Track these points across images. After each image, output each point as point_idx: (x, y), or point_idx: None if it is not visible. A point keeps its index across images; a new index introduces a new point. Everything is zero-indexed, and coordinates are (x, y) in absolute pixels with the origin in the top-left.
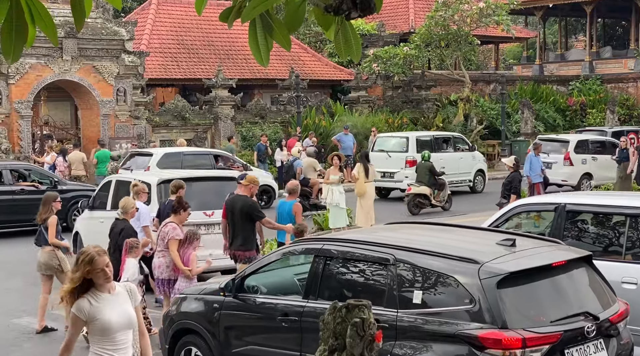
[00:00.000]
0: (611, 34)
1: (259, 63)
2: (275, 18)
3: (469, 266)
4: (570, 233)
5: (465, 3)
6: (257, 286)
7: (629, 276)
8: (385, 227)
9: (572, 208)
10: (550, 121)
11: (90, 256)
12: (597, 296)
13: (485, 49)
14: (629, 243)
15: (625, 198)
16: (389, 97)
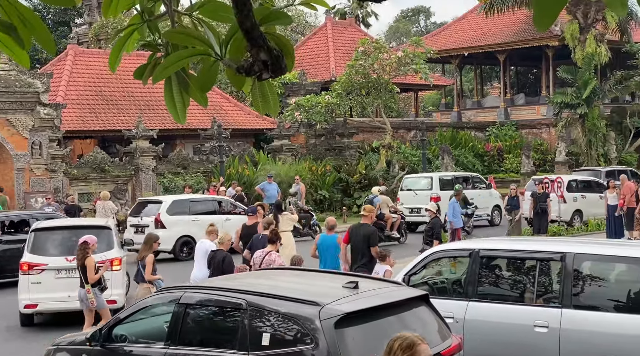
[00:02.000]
0: (524, 81)
1: (175, 120)
2: (191, 75)
3: (310, 308)
4: (485, 278)
5: (385, 52)
6: (125, 334)
7: (540, 320)
8: (248, 273)
9: (486, 254)
10: (470, 166)
11: (410, 341)
12: (431, 331)
13: (405, 97)
14: (540, 287)
15: (537, 243)
16: (312, 145)
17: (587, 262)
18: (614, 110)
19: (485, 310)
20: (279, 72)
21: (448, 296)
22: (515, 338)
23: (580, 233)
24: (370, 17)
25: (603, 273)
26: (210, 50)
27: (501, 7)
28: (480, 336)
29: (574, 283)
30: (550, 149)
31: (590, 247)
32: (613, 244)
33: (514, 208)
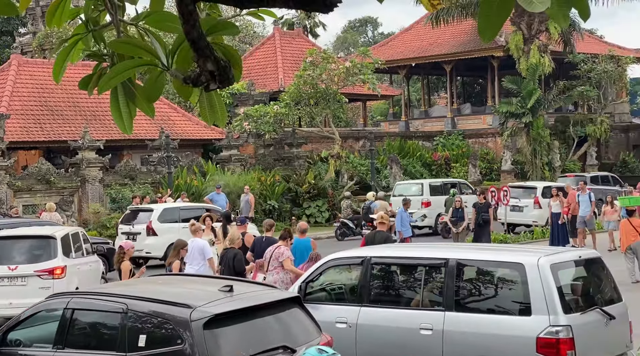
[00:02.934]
0: (470, 91)
1: (122, 131)
2: (137, 85)
3: (183, 310)
4: (376, 285)
5: (333, 62)
6: (20, 339)
7: (425, 323)
8: (138, 280)
9: (377, 261)
10: (418, 175)
11: None
12: (300, 332)
13: (353, 107)
14: (426, 292)
15: (423, 250)
16: (260, 155)
17: (467, 267)
18: (558, 119)
19: (376, 315)
20: (227, 83)
21: (342, 302)
22: (403, 340)
23: (525, 240)
24: (318, 27)
25: (482, 277)
26: (157, 60)
27: (447, 18)
28: (371, 340)
29: (455, 287)
30: (497, 158)
31: (471, 253)
32: (492, 250)
33: (459, 220)
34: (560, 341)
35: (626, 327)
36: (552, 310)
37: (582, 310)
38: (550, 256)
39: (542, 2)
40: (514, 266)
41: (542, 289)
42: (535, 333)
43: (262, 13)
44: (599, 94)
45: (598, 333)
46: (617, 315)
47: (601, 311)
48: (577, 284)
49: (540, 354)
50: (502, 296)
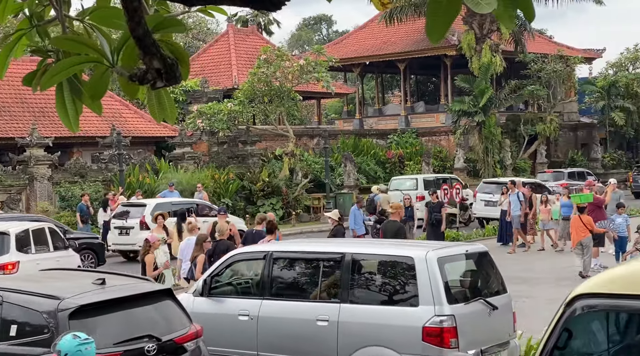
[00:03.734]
0: (424, 89)
1: (68, 128)
2: (84, 82)
3: (51, 301)
4: (277, 278)
5: (287, 60)
6: None
7: (322, 315)
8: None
9: (278, 255)
10: (372, 173)
11: None
12: (168, 322)
13: (308, 104)
14: (323, 284)
15: (322, 245)
16: (214, 153)
17: (362, 261)
18: (509, 118)
19: (276, 307)
20: (173, 81)
21: (246, 295)
22: (301, 331)
23: (476, 237)
24: (272, 24)
25: (375, 271)
26: (102, 57)
27: (401, 16)
28: (271, 331)
29: (351, 280)
30: (450, 156)
31: (366, 247)
32: (385, 245)
33: (408, 220)
34: (444, 330)
35: (509, 317)
36: (437, 301)
37: (466, 301)
38: (439, 250)
39: (489, 3)
40: (404, 260)
41: (429, 281)
42: (422, 322)
43: (212, 10)
44: (549, 93)
45: (481, 322)
46: (500, 305)
47: (485, 302)
48: (463, 277)
49: (425, 342)
50: (394, 288)
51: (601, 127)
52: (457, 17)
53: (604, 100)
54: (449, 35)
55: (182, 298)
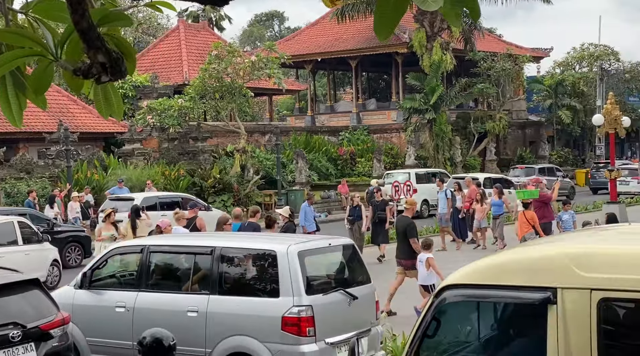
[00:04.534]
0: (375, 87)
1: (11, 124)
2: (27, 76)
3: None
4: (153, 271)
5: (238, 56)
6: None
7: (192, 306)
8: None
9: (155, 249)
10: (323, 170)
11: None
12: (35, 310)
13: (259, 101)
14: (194, 277)
15: (194, 239)
16: (165, 149)
17: (231, 254)
18: (459, 116)
19: (151, 299)
20: (119, 75)
21: (124, 288)
22: (172, 322)
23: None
24: (223, 20)
25: (242, 264)
26: (46, 51)
27: (352, 13)
28: (146, 322)
29: (219, 272)
30: (401, 153)
31: (235, 241)
32: (253, 238)
33: (356, 219)
34: (301, 320)
35: (372, 306)
36: (296, 292)
37: (325, 292)
38: (300, 244)
39: (435, 1)
40: (268, 253)
41: (289, 274)
42: (281, 312)
43: (161, 5)
44: (498, 91)
45: (340, 311)
46: (361, 295)
47: (344, 292)
48: (325, 269)
49: (284, 331)
50: (258, 280)
51: (549, 125)
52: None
53: (552, 98)
54: (400, 33)
55: (64, 290)
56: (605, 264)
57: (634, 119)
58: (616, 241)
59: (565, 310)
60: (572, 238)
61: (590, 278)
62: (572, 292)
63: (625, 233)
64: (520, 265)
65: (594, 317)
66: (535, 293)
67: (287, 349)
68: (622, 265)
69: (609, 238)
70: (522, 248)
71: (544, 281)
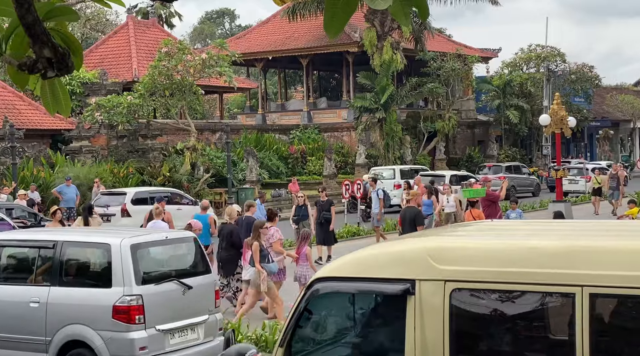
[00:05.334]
0: (326, 85)
1: None
2: None
3: None
4: (3, 265)
5: (188, 54)
6: None
7: (34, 297)
8: None
9: (5, 244)
10: (274, 168)
11: None
12: None
13: (210, 99)
14: (38, 269)
15: (39, 234)
16: (113, 146)
17: (71, 248)
18: (410, 115)
19: (1, 291)
20: (65, 71)
21: None
22: (17, 312)
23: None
24: (173, 17)
25: (81, 256)
26: None
27: (304, 12)
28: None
29: (59, 265)
30: (351, 152)
31: (75, 235)
32: (91, 232)
33: (302, 219)
34: (131, 308)
35: (210, 295)
36: (127, 282)
37: (157, 282)
38: (134, 237)
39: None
40: (104, 246)
41: (121, 265)
42: (112, 301)
43: (109, 0)
44: (447, 91)
45: (174, 300)
46: (198, 285)
47: (179, 282)
48: (160, 261)
49: (115, 319)
50: (95, 271)
51: (497, 125)
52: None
53: (500, 99)
54: (351, 32)
55: None
56: (457, 257)
57: (580, 119)
58: (473, 236)
59: (422, 300)
60: (435, 233)
61: (444, 270)
62: (428, 283)
63: (484, 229)
64: (384, 259)
65: (446, 306)
66: (397, 285)
67: (117, 336)
68: (472, 258)
69: (467, 234)
70: (388, 242)
71: (404, 273)
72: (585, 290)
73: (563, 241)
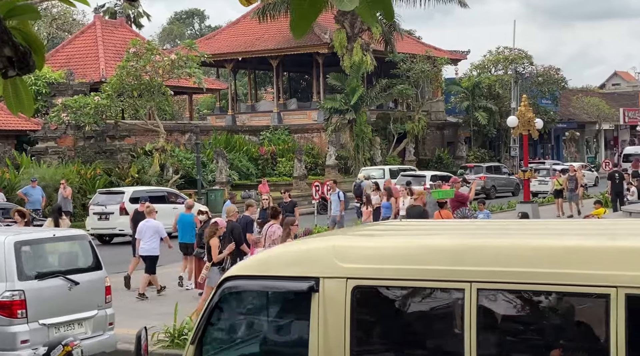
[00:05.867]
0: (296, 87)
1: None
2: None
3: None
4: None
5: (157, 54)
6: None
7: None
8: None
9: None
10: (244, 169)
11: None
12: None
13: (179, 99)
14: None
15: None
16: (80, 147)
17: None
18: (379, 116)
19: None
20: (26, 70)
21: None
22: None
23: None
24: (142, 17)
25: None
26: None
27: (273, 13)
28: None
29: None
30: (322, 153)
31: None
32: None
33: (266, 222)
34: (13, 303)
35: (99, 291)
36: (9, 278)
37: (41, 278)
38: (19, 235)
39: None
40: None
41: (4, 261)
42: None
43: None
44: (417, 92)
45: (58, 296)
46: (85, 281)
47: (65, 278)
48: (46, 257)
49: None
50: None
51: (466, 126)
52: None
53: (469, 100)
54: (321, 33)
55: None
56: (359, 255)
57: (547, 121)
58: (377, 235)
59: (325, 296)
60: (342, 232)
61: (346, 268)
62: (331, 281)
63: (390, 229)
64: (290, 257)
65: (348, 303)
66: (302, 283)
67: (0, 330)
68: (373, 256)
69: (372, 233)
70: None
71: (309, 271)
72: (474, 286)
73: (455, 239)
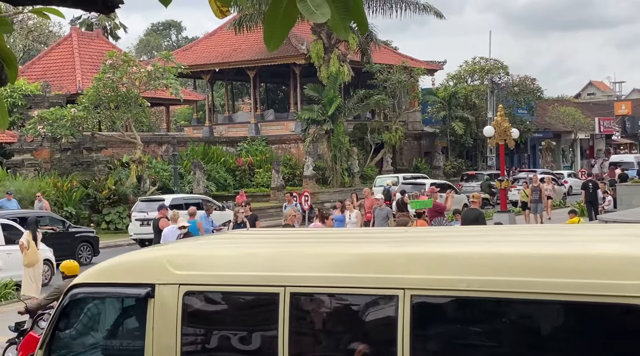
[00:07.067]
0: (274, 97)
1: None
2: None
3: None
4: None
5: (134, 66)
6: None
7: None
8: None
9: None
10: (222, 181)
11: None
12: None
13: (156, 111)
14: None
15: None
16: (57, 160)
17: None
18: (357, 126)
19: None
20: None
21: None
22: None
23: None
24: (119, 29)
25: None
26: None
27: (250, 24)
28: None
29: None
30: (299, 163)
31: None
32: None
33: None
34: None
35: None
36: None
37: None
38: None
39: (323, 13)
40: None
41: None
42: None
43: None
44: (394, 103)
45: None
46: None
47: None
48: None
49: None
50: None
51: (443, 136)
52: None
53: (445, 110)
54: (298, 44)
55: None
56: (191, 263)
57: (523, 131)
58: (212, 244)
59: (160, 302)
60: (181, 242)
61: (178, 275)
62: (166, 287)
63: (224, 239)
64: (130, 265)
65: (180, 308)
66: (140, 289)
67: None
68: (203, 264)
69: (210, 242)
70: (136, 250)
71: (146, 278)
72: (287, 290)
73: (275, 247)
